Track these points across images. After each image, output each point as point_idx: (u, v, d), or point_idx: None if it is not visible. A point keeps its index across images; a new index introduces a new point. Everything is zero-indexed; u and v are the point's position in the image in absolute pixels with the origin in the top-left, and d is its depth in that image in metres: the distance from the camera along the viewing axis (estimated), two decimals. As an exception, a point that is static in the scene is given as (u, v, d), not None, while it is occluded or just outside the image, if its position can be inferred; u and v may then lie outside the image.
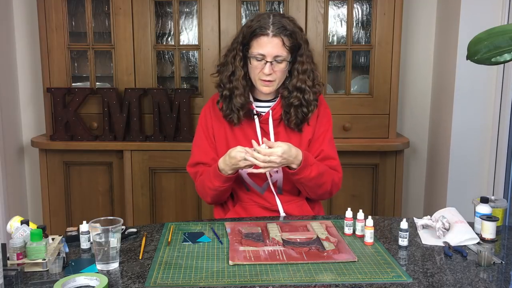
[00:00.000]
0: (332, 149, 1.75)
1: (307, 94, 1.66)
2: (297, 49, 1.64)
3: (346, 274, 1.21)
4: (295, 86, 1.66)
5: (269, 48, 1.59)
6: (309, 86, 1.66)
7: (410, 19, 3.01)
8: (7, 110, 2.90)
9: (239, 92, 1.66)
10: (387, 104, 2.75)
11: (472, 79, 2.62)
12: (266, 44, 1.59)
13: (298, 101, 1.66)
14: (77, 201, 2.83)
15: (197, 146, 1.78)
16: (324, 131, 1.74)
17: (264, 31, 1.59)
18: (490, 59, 1.10)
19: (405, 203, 3.11)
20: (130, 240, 1.46)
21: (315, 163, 1.64)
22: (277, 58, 1.60)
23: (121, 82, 2.77)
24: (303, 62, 1.65)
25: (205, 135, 1.76)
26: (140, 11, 2.71)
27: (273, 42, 1.59)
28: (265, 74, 1.61)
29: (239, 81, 1.66)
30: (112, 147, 2.73)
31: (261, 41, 1.59)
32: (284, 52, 1.60)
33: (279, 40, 1.59)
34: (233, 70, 1.67)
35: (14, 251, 1.22)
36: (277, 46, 1.59)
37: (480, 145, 2.69)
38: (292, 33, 1.61)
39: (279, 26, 1.59)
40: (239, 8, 2.69)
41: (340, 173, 1.75)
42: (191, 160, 1.78)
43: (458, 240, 1.41)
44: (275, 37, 1.59)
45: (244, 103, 1.67)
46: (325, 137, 1.73)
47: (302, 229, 1.51)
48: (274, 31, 1.58)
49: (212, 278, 1.19)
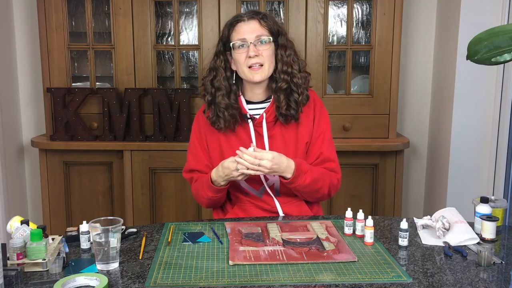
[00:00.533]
0: (331, 150, 1.73)
1: (296, 78, 1.64)
2: (277, 34, 1.65)
3: (346, 274, 1.21)
4: (281, 70, 1.64)
5: (247, 30, 1.61)
6: (296, 70, 1.65)
7: (410, 19, 3.01)
8: (7, 110, 2.90)
9: (222, 93, 1.65)
10: (387, 104, 2.75)
11: (472, 79, 2.62)
12: (244, 28, 1.62)
13: (286, 84, 1.63)
14: (77, 201, 2.83)
15: (191, 153, 1.77)
16: (322, 132, 1.72)
17: (240, 18, 1.63)
18: (490, 59, 1.10)
19: (405, 203, 3.11)
20: (130, 240, 1.46)
21: (309, 170, 1.62)
22: (260, 38, 1.61)
23: (121, 82, 2.77)
24: (286, 47, 1.65)
25: (199, 142, 1.75)
26: (140, 11, 2.71)
27: (250, 24, 1.62)
28: (251, 57, 1.60)
29: (221, 81, 1.65)
30: (112, 147, 2.73)
31: (239, 27, 1.62)
32: (264, 32, 1.62)
33: (256, 21, 1.62)
34: (215, 73, 1.67)
35: (14, 251, 1.22)
36: (256, 27, 1.61)
37: (480, 145, 2.69)
38: (267, 16, 1.64)
39: (255, 12, 1.65)
40: (239, 8, 2.69)
41: (339, 174, 1.74)
42: (186, 166, 1.79)
43: (458, 240, 1.41)
44: (251, 20, 1.62)
45: (229, 104, 1.65)
46: (324, 139, 1.71)
47: (302, 229, 1.51)
48: (248, 16, 1.63)
49: (212, 278, 1.19)
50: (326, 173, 1.68)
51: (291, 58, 1.65)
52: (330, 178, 1.69)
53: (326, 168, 1.70)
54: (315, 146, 1.71)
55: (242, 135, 1.69)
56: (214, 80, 1.67)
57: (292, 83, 1.64)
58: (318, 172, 1.65)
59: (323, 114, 1.75)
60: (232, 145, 1.68)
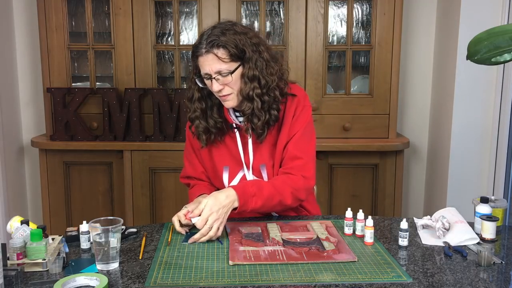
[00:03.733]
0: (300, 147, 1.63)
1: (256, 103, 1.55)
2: (242, 56, 1.54)
3: (346, 274, 1.21)
4: (243, 94, 1.56)
5: (207, 66, 1.52)
6: (257, 94, 1.54)
7: (410, 19, 3.01)
8: (7, 110, 2.90)
9: (197, 115, 1.62)
10: (387, 104, 2.75)
11: (472, 79, 2.62)
12: (204, 63, 1.53)
13: (249, 109, 1.56)
14: (77, 201, 2.83)
15: (187, 160, 1.78)
16: (296, 131, 1.64)
17: (199, 50, 1.52)
18: (490, 59, 1.10)
19: (405, 203, 3.11)
20: (130, 240, 1.46)
21: (258, 191, 1.53)
22: (221, 73, 1.52)
23: (121, 82, 2.77)
24: (250, 68, 1.54)
25: (193, 149, 1.75)
26: (140, 11, 2.71)
27: (208, 59, 1.51)
28: (215, 92, 1.55)
29: (196, 104, 1.62)
30: (112, 147, 2.73)
31: (200, 61, 1.54)
32: (223, 65, 1.51)
33: (213, 55, 1.50)
34: (192, 93, 1.64)
35: (14, 251, 1.22)
36: (214, 61, 1.51)
37: (480, 145, 2.69)
38: (226, 43, 1.50)
39: (211, 40, 1.50)
40: (239, 8, 2.69)
41: (308, 171, 1.63)
42: (183, 172, 1.80)
43: (458, 240, 1.41)
44: (208, 53, 1.51)
45: (206, 127, 1.62)
46: (295, 137, 1.63)
47: (302, 229, 1.51)
48: (206, 48, 1.51)
49: (212, 278, 1.19)
50: (284, 183, 1.58)
51: (255, 81, 1.55)
52: (292, 185, 1.59)
53: (292, 168, 1.62)
54: (288, 145, 1.64)
55: (230, 144, 1.68)
56: (191, 100, 1.64)
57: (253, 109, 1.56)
58: (271, 188, 1.55)
59: (304, 111, 1.66)
60: (222, 154, 1.68)
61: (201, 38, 1.54)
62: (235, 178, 1.69)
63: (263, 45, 1.59)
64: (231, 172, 1.69)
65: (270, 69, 1.58)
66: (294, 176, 1.61)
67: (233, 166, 1.68)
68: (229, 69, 1.52)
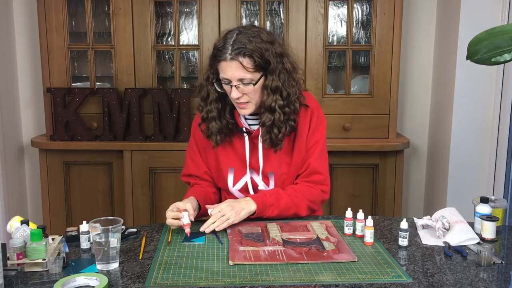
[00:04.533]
0: (320, 162, 1.67)
1: (277, 115, 1.55)
2: (266, 67, 1.52)
3: (346, 274, 1.21)
4: (265, 105, 1.55)
5: (230, 73, 1.50)
6: (279, 106, 1.54)
7: (410, 19, 3.01)
8: (7, 110, 2.90)
9: (213, 115, 1.61)
10: (387, 104, 2.75)
11: (472, 79, 2.62)
12: (226, 69, 1.50)
13: (269, 121, 1.56)
14: (77, 201, 2.83)
15: (190, 158, 1.76)
16: (314, 143, 1.66)
17: (222, 55, 1.49)
18: (490, 59, 1.10)
19: (405, 203, 3.11)
20: (130, 240, 1.46)
21: (276, 201, 1.57)
22: (243, 81, 1.51)
23: (121, 82, 2.77)
24: (273, 80, 1.53)
25: (198, 148, 1.74)
26: (140, 11, 2.71)
27: (232, 66, 1.49)
28: (234, 98, 1.54)
29: (213, 104, 1.60)
30: (112, 147, 2.73)
31: (222, 66, 1.51)
32: (247, 74, 1.49)
33: (238, 63, 1.48)
34: (207, 92, 1.62)
35: (14, 251, 1.22)
36: (238, 69, 1.49)
37: (480, 145, 2.69)
38: (253, 52, 1.48)
39: (238, 47, 1.48)
40: (239, 8, 2.69)
41: (327, 186, 1.69)
42: (185, 170, 1.78)
43: (458, 240, 1.41)
44: (233, 61, 1.48)
45: (221, 127, 1.62)
46: (314, 150, 1.66)
47: (302, 229, 1.51)
48: (231, 54, 1.48)
49: (212, 278, 1.19)
50: (302, 195, 1.62)
51: (277, 93, 1.54)
52: (309, 197, 1.64)
53: (313, 182, 1.66)
54: (305, 157, 1.66)
55: (238, 147, 1.67)
56: (206, 100, 1.62)
57: (275, 120, 1.56)
58: (288, 200, 1.60)
59: (320, 123, 1.68)
60: (229, 156, 1.67)
61: (225, 41, 1.51)
62: (240, 181, 1.68)
63: (286, 55, 1.58)
64: (236, 174, 1.68)
65: (291, 80, 1.57)
66: (314, 189, 1.65)
67: (238, 168, 1.67)
68: (252, 79, 1.51)
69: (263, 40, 1.52)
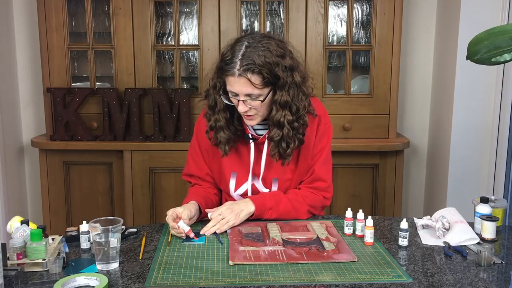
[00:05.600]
0: (324, 169, 1.66)
1: (286, 130, 1.53)
2: (275, 82, 1.49)
3: (346, 274, 1.21)
4: (273, 121, 1.53)
5: (237, 88, 1.47)
6: (288, 121, 1.52)
7: (410, 19, 3.01)
8: (7, 110, 2.90)
9: (221, 125, 1.57)
10: (387, 104, 2.75)
11: (472, 79, 2.62)
12: (234, 84, 1.47)
13: (278, 136, 1.54)
14: (77, 201, 2.83)
15: (192, 158, 1.75)
16: (320, 150, 1.65)
17: (230, 70, 1.46)
18: (490, 59, 1.10)
19: (405, 203, 3.11)
20: (130, 240, 1.46)
21: (275, 205, 1.58)
22: (250, 96, 1.48)
23: (121, 82, 2.77)
24: (282, 95, 1.50)
25: (200, 149, 1.73)
26: (140, 11, 2.71)
27: (240, 81, 1.45)
28: (241, 112, 1.52)
29: (221, 114, 1.57)
30: (112, 147, 2.73)
31: (230, 80, 1.48)
32: (255, 90, 1.46)
33: (246, 80, 1.45)
34: (215, 101, 1.57)
35: (14, 251, 1.22)
36: (246, 85, 1.46)
37: (480, 145, 2.69)
38: (262, 68, 1.44)
39: (247, 63, 1.44)
40: (239, 8, 2.69)
41: (329, 193, 1.69)
42: (186, 170, 1.77)
43: (458, 240, 1.41)
44: (241, 77, 1.44)
45: (229, 137, 1.59)
46: (319, 157, 1.65)
47: (302, 229, 1.51)
48: (239, 70, 1.44)
49: (212, 278, 1.19)
50: (303, 200, 1.63)
51: (286, 108, 1.51)
52: (310, 203, 1.64)
53: (315, 188, 1.66)
54: (310, 163, 1.66)
55: (243, 152, 1.66)
56: (214, 108, 1.59)
57: (283, 135, 1.54)
58: (288, 205, 1.60)
59: (326, 130, 1.67)
60: (233, 161, 1.66)
61: (233, 54, 1.47)
62: (241, 187, 1.67)
63: (296, 66, 1.54)
64: (238, 180, 1.67)
65: (301, 94, 1.54)
66: (316, 195, 1.66)
67: (241, 173, 1.66)
68: (260, 94, 1.48)
69: (272, 54, 1.47)
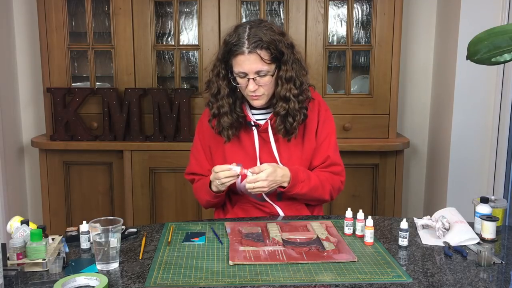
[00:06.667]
0: (337, 154, 1.73)
1: (292, 104, 1.60)
2: (280, 58, 1.58)
3: (346, 274, 1.21)
4: (279, 95, 1.60)
5: (247, 66, 1.54)
6: (294, 95, 1.60)
7: (410, 19, 3.01)
8: (7, 110, 2.90)
9: (225, 111, 1.62)
10: (387, 104, 2.75)
11: (472, 79, 2.62)
12: (244, 62, 1.54)
13: (284, 110, 1.61)
14: (77, 201, 2.83)
15: (194, 157, 1.78)
16: (327, 135, 1.71)
17: (240, 49, 1.53)
18: (490, 59, 1.10)
19: (405, 203, 3.11)
20: (130, 240, 1.46)
21: (307, 179, 1.62)
22: (259, 73, 1.55)
23: (121, 82, 2.77)
24: (287, 70, 1.59)
25: (202, 147, 1.76)
26: (140, 11, 2.71)
27: (250, 59, 1.53)
28: (250, 91, 1.58)
29: (224, 99, 1.63)
30: (112, 147, 2.73)
31: (239, 59, 1.54)
32: (264, 66, 1.55)
33: (256, 56, 1.53)
34: (218, 88, 1.63)
35: (14, 251, 1.22)
36: (256, 62, 1.53)
37: (480, 145, 2.69)
38: (269, 44, 1.54)
39: (255, 40, 1.53)
40: (239, 8, 2.70)
41: (343, 176, 1.74)
42: (189, 169, 1.80)
43: (458, 240, 1.41)
44: (251, 54, 1.53)
45: (232, 122, 1.64)
46: (330, 143, 1.71)
47: (302, 229, 1.51)
48: (249, 48, 1.52)
49: (212, 278, 1.19)
50: (326, 180, 1.68)
51: (291, 83, 1.60)
52: (332, 183, 1.69)
53: (332, 172, 1.71)
54: (321, 150, 1.70)
55: (245, 141, 1.69)
56: (218, 95, 1.64)
57: (289, 109, 1.61)
58: (317, 180, 1.65)
59: (328, 117, 1.74)
60: (236, 151, 1.69)
61: (239, 36, 1.54)
62: None
63: (295, 46, 1.64)
64: None
65: (302, 70, 1.64)
66: (334, 177, 1.71)
67: (246, 164, 1.67)
68: (268, 70, 1.56)
69: (275, 32, 1.57)
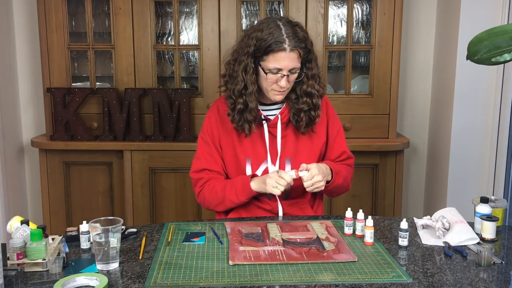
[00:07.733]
0: (347, 148, 1.83)
1: (315, 99, 1.68)
2: (307, 56, 1.64)
3: (346, 274, 1.21)
4: (305, 91, 1.67)
5: (286, 63, 1.58)
6: (317, 91, 1.68)
7: (410, 19, 3.01)
8: (7, 110, 2.90)
9: (253, 106, 1.65)
10: (387, 104, 2.75)
11: (472, 79, 2.62)
12: (284, 59, 1.57)
13: (307, 106, 1.67)
14: (77, 201, 2.83)
15: (206, 153, 1.74)
16: (338, 131, 1.80)
17: (281, 45, 1.56)
18: (490, 59, 1.10)
19: (405, 203, 3.10)
20: (130, 240, 1.46)
21: (340, 171, 1.71)
22: (292, 70, 1.60)
23: (121, 82, 2.77)
24: (312, 67, 1.67)
25: (213, 143, 1.74)
26: (140, 11, 2.71)
27: (290, 56, 1.57)
28: (281, 87, 1.61)
29: (253, 95, 1.64)
30: (112, 147, 2.73)
31: (279, 56, 1.57)
32: (298, 64, 1.61)
33: (296, 54, 1.58)
34: (245, 84, 1.63)
35: (14, 251, 1.22)
36: (294, 60, 1.59)
37: (480, 145, 2.68)
38: (306, 44, 1.61)
39: (295, 39, 1.57)
40: (239, 8, 2.69)
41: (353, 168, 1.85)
42: (198, 165, 1.75)
43: (458, 240, 1.41)
44: (292, 52, 1.57)
45: (256, 116, 1.68)
46: (342, 138, 1.80)
47: (302, 229, 1.51)
48: (291, 46, 1.56)
49: (212, 278, 1.19)
50: (349, 170, 1.80)
51: (314, 79, 1.67)
52: (351, 174, 1.83)
53: (349, 165, 1.81)
54: (335, 144, 1.79)
55: (254, 136, 1.71)
56: (244, 91, 1.64)
57: (312, 104, 1.68)
58: (345, 170, 1.76)
59: (335, 115, 1.82)
60: (245, 145, 1.71)
61: (278, 33, 1.57)
62: (257, 171, 1.72)
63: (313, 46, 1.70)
64: (253, 165, 1.71)
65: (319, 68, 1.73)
66: (350, 169, 1.82)
67: (255, 158, 1.71)
68: (299, 68, 1.62)
69: (304, 31, 1.64)
